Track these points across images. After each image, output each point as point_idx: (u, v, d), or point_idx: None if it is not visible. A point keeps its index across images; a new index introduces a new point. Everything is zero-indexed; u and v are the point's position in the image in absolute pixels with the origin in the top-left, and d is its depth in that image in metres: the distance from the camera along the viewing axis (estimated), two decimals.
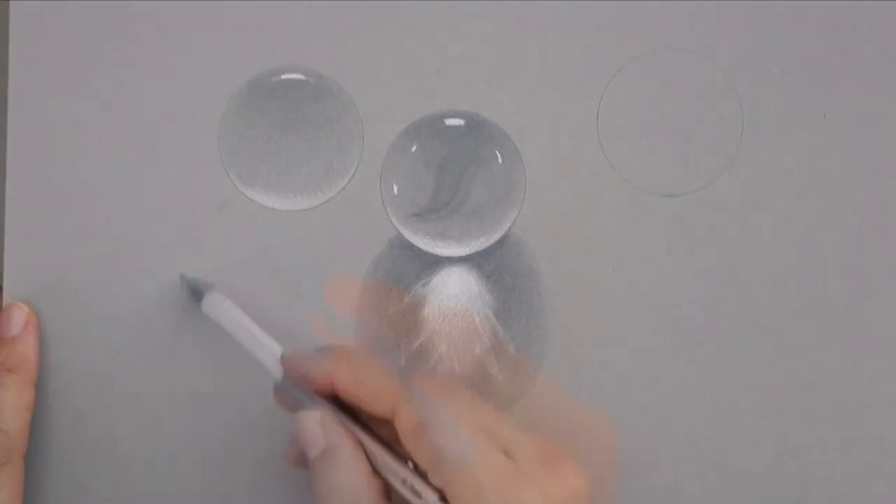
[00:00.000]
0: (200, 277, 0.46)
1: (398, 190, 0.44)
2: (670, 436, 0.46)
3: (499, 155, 0.44)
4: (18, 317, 0.46)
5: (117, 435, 0.46)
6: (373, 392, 0.41)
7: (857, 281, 0.47)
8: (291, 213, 0.47)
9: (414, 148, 0.44)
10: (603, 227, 0.47)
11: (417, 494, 0.38)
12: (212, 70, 0.47)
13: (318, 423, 0.41)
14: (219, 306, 0.45)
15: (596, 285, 0.47)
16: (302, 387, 0.42)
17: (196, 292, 0.45)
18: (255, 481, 0.47)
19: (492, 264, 0.47)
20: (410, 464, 0.39)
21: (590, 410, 0.41)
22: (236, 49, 0.47)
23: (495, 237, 0.45)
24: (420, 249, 0.45)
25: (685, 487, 0.46)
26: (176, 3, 0.47)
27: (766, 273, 0.47)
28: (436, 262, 0.47)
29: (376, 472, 0.40)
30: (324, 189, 0.45)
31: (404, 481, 0.39)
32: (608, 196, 0.47)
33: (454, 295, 0.47)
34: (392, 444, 0.41)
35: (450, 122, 0.44)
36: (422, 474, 0.39)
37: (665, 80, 0.47)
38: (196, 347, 0.47)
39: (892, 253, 0.47)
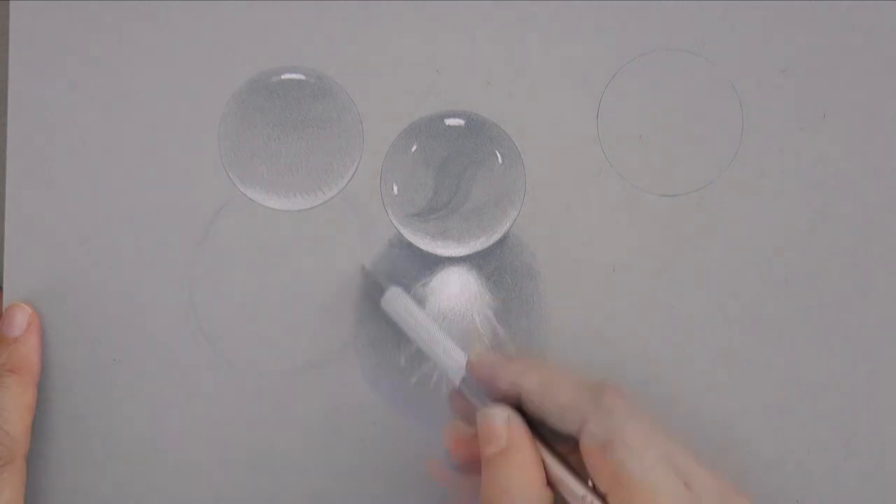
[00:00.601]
0: (382, 272, 0.46)
1: (398, 190, 0.44)
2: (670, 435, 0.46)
3: (499, 155, 0.44)
4: (21, 317, 0.46)
5: (117, 435, 0.46)
6: (562, 405, 0.40)
7: (857, 281, 0.47)
8: (291, 213, 0.47)
9: (414, 148, 0.44)
10: (603, 228, 0.47)
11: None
12: (212, 70, 0.47)
13: (504, 421, 0.40)
14: (399, 303, 0.44)
15: (596, 285, 0.47)
16: (484, 393, 0.42)
17: (377, 287, 0.45)
18: (254, 481, 0.47)
19: (492, 264, 0.47)
20: (591, 483, 0.39)
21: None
22: (236, 49, 0.47)
23: (495, 237, 0.45)
24: (420, 249, 0.45)
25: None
26: (176, 3, 0.47)
27: (766, 273, 0.47)
28: (436, 262, 0.47)
29: (550, 483, 0.40)
30: (324, 189, 0.45)
31: (583, 499, 0.39)
32: (608, 196, 0.47)
33: (454, 295, 0.47)
34: (569, 461, 0.40)
35: (450, 122, 0.44)
36: (601, 495, 0.39)
37: (665, 80, 0.47)
38: (196, 347, 0.47)
39: (892, 253, 0.47)
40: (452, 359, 0.43)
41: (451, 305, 0.47)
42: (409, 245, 0.45)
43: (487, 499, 0.39)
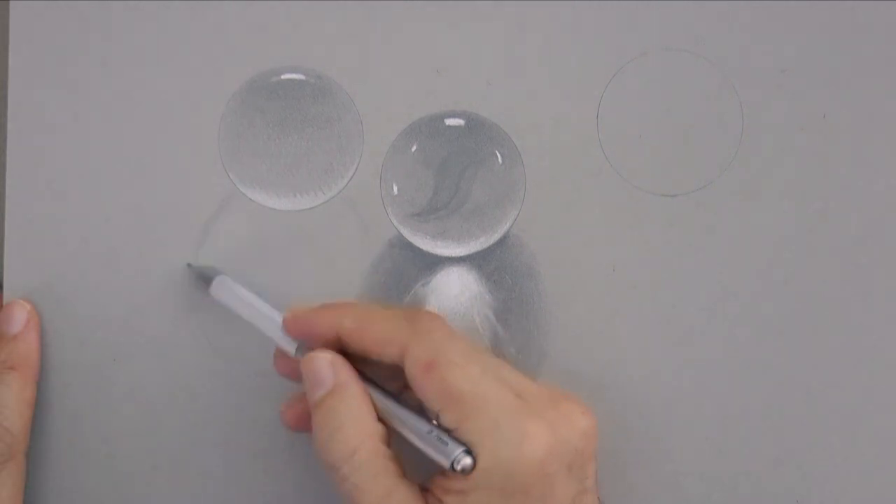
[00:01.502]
0: (207, 266, 0.46)
1: (398, 190, 0.44)
2: (670, 436, 0.46)
3: (499, 155, 0.44)
4: (20, 314, 0.46)
5: (117, 435, 0.46)
6: (380, 337, 0.41)
7: (857, 281, 0.47)
8: (291, 213, 0.47)
9: (414, 148, 0.44)
10: (603, 228, 0.47)
11: (444, 443, 0.38)
12: (212, 70, 0.47)
13: (328, 363, 0.41)
14: (226, 288, 0.45)
15: (596, 285, 0.47)
16: (308, 345, 0.42)
17: (204, 278, 0.45)
18: (254, 480, 0.47)
19: (492, 264, 0.47)
20: (434, 420, 0.39)
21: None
22: (236, 49, 0.47)
23: (495, 237, 0.45)
24: (420, 249, 0.45)
25: (685, 487, 0.46)
26: (176, 3, 0.47)
27: (766, 273, 0.47)
28: (436, 262, 0.47)
29: (381, 419, 0.40)
30: (324, 189, 0.45)
31: (429, 433, 0.39)
32: (608, 196, 0.47)
33: (454, 295, 0.47)
34: (401, 399, 0.41)
35: (450, 122, 0.44)
36: (434, 419, 0.39)
37: (665, 80, 0.47)
38: (196, 347, 0.47)
39: (892, 253, 0.47)
40: (277, 324, 0.43)
41: (451, 305, 0.47)
42: (409, 245, 0.45)
43: (321, 442, 0.40)
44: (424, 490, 0.40)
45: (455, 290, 0.47)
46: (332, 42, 0.47)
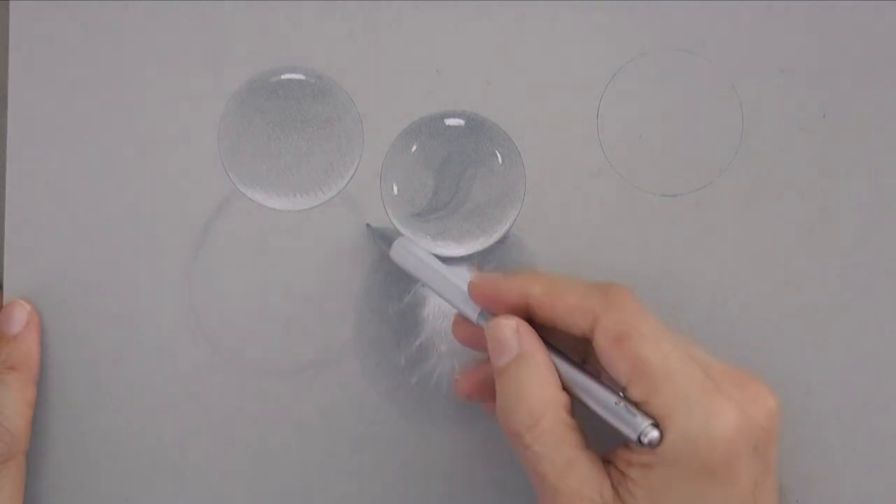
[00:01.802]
0: (386, 227, 0.46)
1: (398, 190, 0.44)
2: None
3: (499, 155, 0.44)
4: (20, 314, 0.46)
5: (117, 435, 0.46)
6: (571, 305, 0.40)
7: (857, 281, 0.47)
8: (291, 213, 0.47)
9: (414, 148, 0.44)
10: (603, 228, 0.47)
11: (632, 414, 0.38)
12: (212, 70, 0.47)
13: (514, 330, 0.40)
14: (407, 250, 0.44)
15: None
16: (492, 312, 0.42)
17: (385, 239, 0.45)
18: (255, 480, 0.47)
19: (492, 264, 0.47)
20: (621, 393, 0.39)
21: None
22: (236, 49, 0.47)
23: (495, 237, 0.45)
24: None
25: None
26: (176, 3, 0.47)
27: (766, 273, 0.47)
28: None
29: (564, 388, 0.40)
30: (324, 189, 0.45)
31: (616, 403, 0.38)
32: (608, 196, 0.47)
33: None
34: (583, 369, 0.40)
35: (450, 122, 0.44)
36: (621, 391, 0.38)
37: (665, 80, 0.47)
38: (196, 347, 0.47)
39: (892, 253, 0.47)
40: (463, 291, 0.43)
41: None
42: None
43: (504, 410, 0.39)
44: (606, 462, 0.39)
45: None
46: (332, 42, 0.47)
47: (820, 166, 0.47)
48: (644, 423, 0.37)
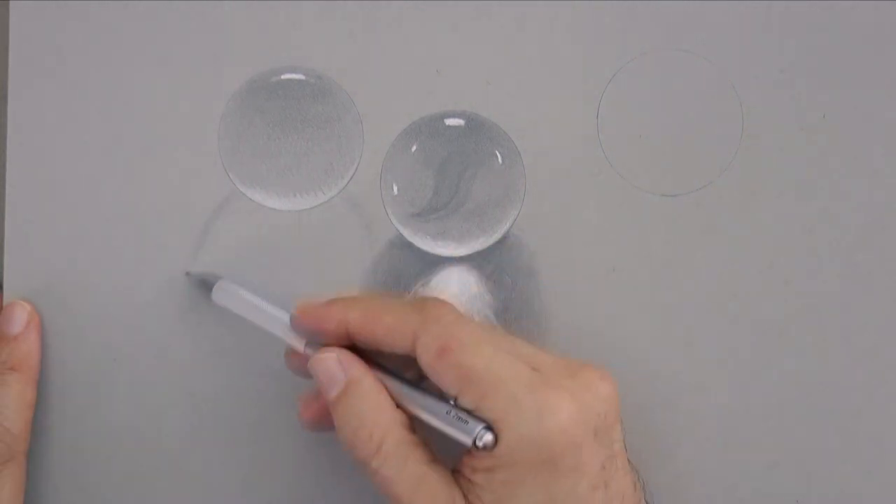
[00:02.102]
0: (206, 271, 0.46)
1: (398, 190, 0.44)
2: (670, 435, 0.46)
3: (499, 155, 0.44)
4: (20, 315, 0.46)
5: (117, 435, 0.46)
6: (389, 328, 0.40)
7: (857, 281, 0.47)
8: (291, 213, 0.47)
9: (414, 148, 0.44)
10: (603, 228, 0.47)
11: (464, 421, 0.38)
12: (212, 70, 0.47)
13: (336, 362, 0.41)
14: (228, 293, 0.45)
15: (596, 285, 0.47)
16: (317, 341, 0.42)
17: (205, 285, 0.45)
18: (254, 480, 0.47)
19: (492, 264, 0.47)
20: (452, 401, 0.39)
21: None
22: (236, 49, 0.47)
23: (495, 237, 0.45)
24: (420, 249, 0.45)
25: (686, 487, 0.46)
26: (176, 3, 0.47)
27: (766, 273, 0.47)
28: (436, 262, 0.47)
29: (399, 406, 0.40)
30: (324, 189, 0.45)
31: (448, 413, 0.39)
32: (608, 196, 0.47)
33: (454, 295, 0.47)
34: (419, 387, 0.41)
35: (450, 122, 0.44)
36: (452, 400, 0.39)
37: (665, 80, 0.47)
38: (196, 347, 0.47)
39: (892, 253, 0.47)
40: (284, 323, 0.43)
41: None
42: (409, 245, 0.45)
43: (346, 440, 0.40)
44: (455, 472, 0.40)
45: (455, 290, 0.47)
46: (332, 42, 0.47)
47: (820, 166, 0.47)
48: (476, 428, 0.38)
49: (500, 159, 0.44)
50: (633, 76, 0.47)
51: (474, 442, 0.38)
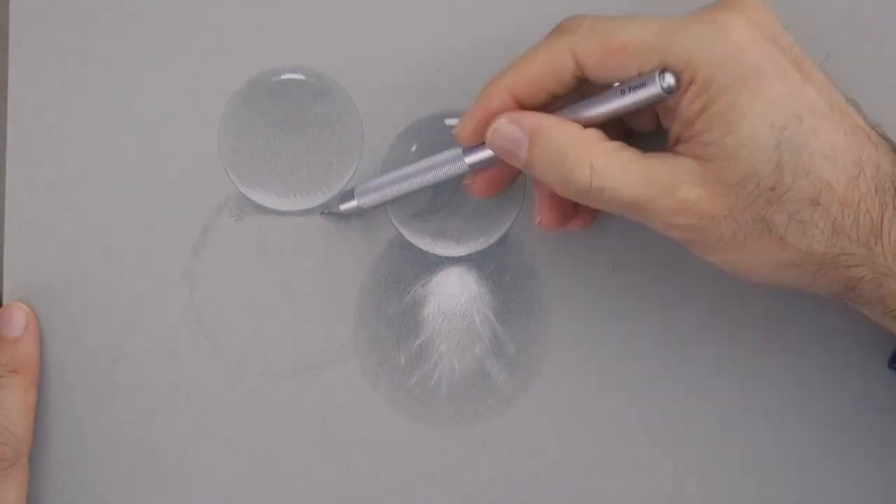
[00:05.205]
0: (331, 202, 0.46)
1: None
2: (670, 436, 0.46)
3: None
4: (20, 317, 0.46)
5: (117, 435, 0.46)
6: (542, 64, 0.40)
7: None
8: (291, 213, 0.47)
9: (414, 148, 0.44)
10: (603, 228, 0.47)
11: (642, 82, 0.38)
12: (212, 70, 0.47)
13: (508, 122, 0.40)
14: (369, 188, 0.44)
15: (596, 285, 0.47)
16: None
17: (345, 198, 0.45)
18: (254, 481, 0.47)
19: (492, 264, 0.47)
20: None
21: None
22: (236, 49, 0.47)
23: (495, 237, 0.45)
24: (420, 249, 0.45)
25: (685, 487, 0.46)
26: (176, 3, 0.47)
27: None
28: (436, 262, 0.47)
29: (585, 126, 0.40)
30: (324, 189, 0.45)
31: (622, 91, 0.38)
32: None
33: (454, 295, 0.47)
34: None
35: (450, 122, 0.44)
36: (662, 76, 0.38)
37: None
38: (196, 347, 0.47)
39: None
40: (445, 158, 0.43)
41: (451, 305, 0.47)
42: (409, 245, 0.45)
43: (556, 180, 0.39)
44: (672, 151, 0.39)
45: (455, 290, 0.47)
46: (332, 42, 0.47)
47: None
48: (654, 75, 0.37)
49: None
50: None
51: (662, 87, 0.37)
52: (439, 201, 0.44)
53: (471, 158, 0.42)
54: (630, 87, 0.38)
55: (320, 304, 0.47)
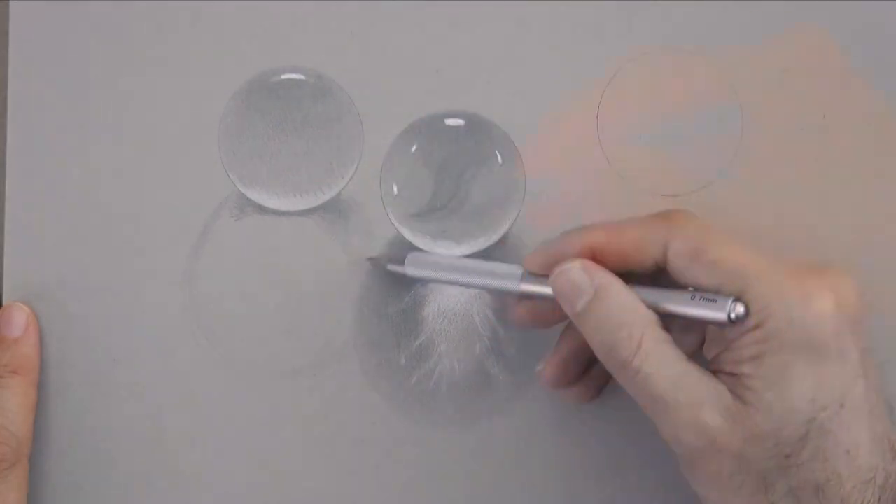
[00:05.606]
0: (383, 253, 0.46)
1: (398, 190, 0.44)
2: None
3: (499, 155, 0.44)
4: (20, 317, 0.46)
5: (117, 435, 0.46)
6: (637, 239, 0.40)
7: (857, 281, 0.46)
8: (291, 213, 0.47)
9: (414, 148, 0.44)
10: None
11: (713, 300, 0.38)
12: (212, 70, 0.47)
13: (581, 270, 0.40)
14: (424, 261, 0.45)
15: None
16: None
17: (396, 260, 0.45)
18: (254, 481, 0.47)
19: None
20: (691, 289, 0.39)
21: None
22: (236, 49, 0.47)
23: (495, 237, 0.45)
24: (415, 248, 0.45)
25: (685, 487, 0.46)
26: (176, 3, 0.47)
27: None
28: None
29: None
30: (324, 189, 0.45)
31: (692, 298, 0.39)
32: (608, 196, 0.47)
33: (454, 295, 0.47)
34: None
35: (450, 122, 0.44)
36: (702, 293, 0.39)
37: (665, 80, 0.47)
38: (196, 347, 0.47)
39: (892, 253, 0.47)
40: (504, 272, 0.43)
41: (451, 305, 0.47)
42: (410, 245, 0.45)
43: (603, 346, 0.39)
44: (713, 373, 0.39)
45: (455, 290, 0.47)
46: (332, 42, 0.47)
47: (820, 166, 0.47)
48: (727, 302, 0.38)
49: (500, 159, 0.44)
50: (633, 76, 0.47)
51: (729, 315, 0.37)
52: (439, 201, 0.44)
53: (527, 286, 0.42)
54: (702, 298, 0.39)
55: (320, 304, 0.47)
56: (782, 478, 0.37)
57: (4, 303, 0.46)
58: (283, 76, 0.45)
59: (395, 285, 0.47)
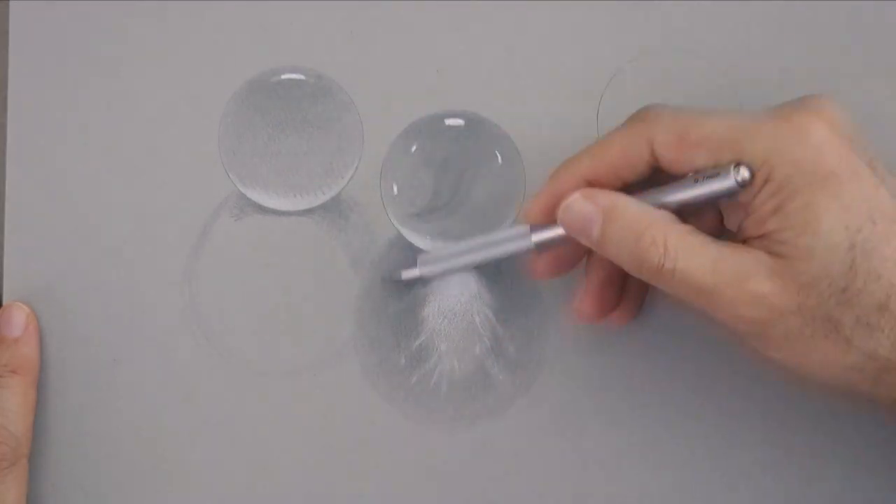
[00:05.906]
0: (392, 268, 0.46)
1: (398, 190, 0.44)
2: (670, 436, 0.46)
3: (499, 155, 0.44)
4: (19, 317, 0.46)
5: (117, 435, 0.46)
6: (620, 151, 0.41)
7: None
8: (291, 213, 0.47)
9: (414, 148, 0.44)
10: None
11: (715, 174, 0.38)
12: (212, 70, 0.47)
13: (583, 199, 0.40)
14: (433, 259, 0.45)
15: None
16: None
17: (407, 266, 0.45)
18: (254, 481, 0.47)
19: (492, 264, 0.47)
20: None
21: None
22: (236, 49, 0.47)
23: None
24: (420, 249, 0.45)
25: (684, 488, 0.46)
26: (176, 3, 0.47)
27: None
28: None
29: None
30: (324, 189, 0.45)
31: (696, 180, 0.39)
32: None
33: (454, 295, 0.47)
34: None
35: (450, 122, 0.44)
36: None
37: (665, 80, 0.47)
38: (196, 347, 0.47)
39: None
40: (512, 234, 0.43)
41: (451, 305, 0.47)
42: (410, 245, 0.45)
43: (629, 258, 0.39)
44: (743, 243, 0.39)
45: (455, 290, 0.47)
46: (332, 42, 0.47)
47: None
48: (729, 169, 0.38)
49: (500, 159, 0.44)
50: (633, 76, 0.47)
51: (736, 181, 0.38)
52: (439, 201, 0.44)
53: (538, 237, 0.42)
54: (704, 177, 0.39)
55: (320, 304, 0.47)
56: (847, 311, 0.37)
57: (4, 303, 0.46)
58: (283, 76, 0.45)
59: (395, 285, 0.47)
